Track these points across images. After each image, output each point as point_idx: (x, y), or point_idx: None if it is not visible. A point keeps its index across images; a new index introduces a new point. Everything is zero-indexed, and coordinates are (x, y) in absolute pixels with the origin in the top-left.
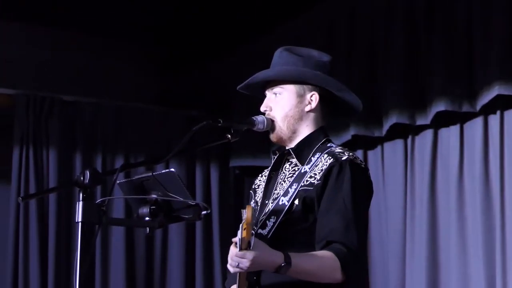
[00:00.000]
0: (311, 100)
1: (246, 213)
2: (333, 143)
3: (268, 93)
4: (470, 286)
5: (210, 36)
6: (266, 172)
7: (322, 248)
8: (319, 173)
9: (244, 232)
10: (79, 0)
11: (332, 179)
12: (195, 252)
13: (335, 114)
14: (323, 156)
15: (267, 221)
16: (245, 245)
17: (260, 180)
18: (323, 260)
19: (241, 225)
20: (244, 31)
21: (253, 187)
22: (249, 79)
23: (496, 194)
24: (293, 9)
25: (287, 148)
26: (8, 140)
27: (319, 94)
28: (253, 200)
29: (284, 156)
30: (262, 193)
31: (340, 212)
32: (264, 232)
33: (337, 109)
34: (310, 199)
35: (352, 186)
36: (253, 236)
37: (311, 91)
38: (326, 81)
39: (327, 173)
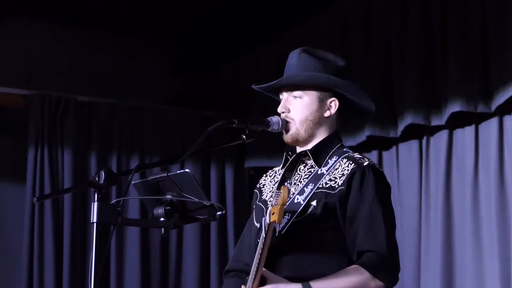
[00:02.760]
0: (331, 106)
1: (282, 194)
2: (347, 147)
3: (286, 94)
4: (485, 286)
5: (226, 36)
6: (271, 173)
7: (356, 260)
8: (340, 177)
9: (274, 216)
10: (95, 0)
11: (356, 185)
12: (210, 252)
13: (348, 118)
14: (342, 160)
15: (282, 218)
16: (271, 231)
17: (265, 180)
18: (348, 276)
19: (268, 210)
20: (260, 32)
21: (257, 186)
22: (277, 81)
23: (511, 194)
24: (308, 10)
25: (301, 150)
26: (23, 141)
27: (338, 100)
28: (258, 199)
29: (299, 157)
30: (272, 191)
31: (367, 219)
32: (279, 228)
33: (350, 113)
34: (332, 203)
35: (376, 191)
36: (270, 272)
37: (331, 97)
38: (352, 90)
39: (350, 178)
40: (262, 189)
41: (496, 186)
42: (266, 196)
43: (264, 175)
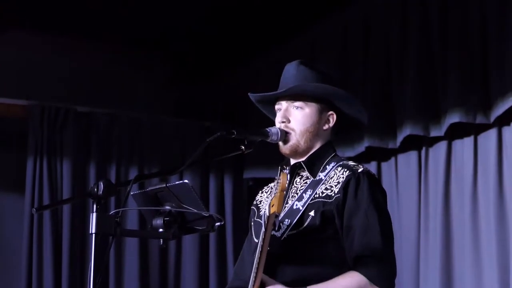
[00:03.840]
0: (329, 119)
1: (281, 180)
2: (341, 156)
3: (286, 104)
4: None
5: (225, 47)
6: (267, 189)
7: (353, 266)
8: (335, 185)
9: (273, 208)
10: (95, 10)
11: (351, 192)
12: (209, 263)
13: (341, 130)
14: (336, 168)
15: (281, 224)
16: (270, 224)
17: (261, 196)
18: (345, 281)
19: (268, 203)
20: (259, 42)
21: (254, 203)
22: (285, 90)
23: (510, 205)
24: (307, 21)
25: (295, 161)
26: (22, 151)
27: (336, 114)
28: (256, 216)
29: (294, 170)
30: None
31: (363, 226)
32: (278, 234)
33: (344, 126)
34: (329, 212)
35: (371, 197)
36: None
37: (329, 110)
38: (353, 103)
39: (345, 186)
40: (259, 205)
41: (495, 197)
42: (265, 211)
43: (260, 191)
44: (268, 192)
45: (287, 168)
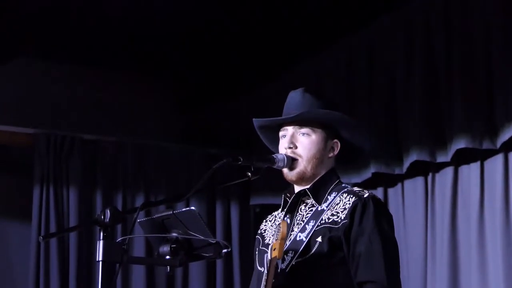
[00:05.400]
0: (333, 147)
1: (281, 229)
2: (345, 183)
3: (292, 130)
4: None
5: (231, 74)
6: (271, 217)
7: None
8: (342, 211)
9: (275, 252)
10: (99, 36)
11: (357, 218)
12: None
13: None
14: (342, 195)
15: (285, 256)
16: (273, 267)
17: (265, 225)
18: None
19: (270, 246)
20: (264, 69)
21: (259, 232)
22: (296, 115)
23: None
24: (312, 48)
25: (300, 189)
26: (28, 179)
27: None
28: (261, 245)
29: (299, 197)
30: (275, 235)
31: (367, 251)
32: (282, 266)
33: (347, 153)
34: (337, 237)
35: (376, 222)
36: None
37: (334, 138)
38: (359, 131)
39: (352, 212)
40: (263, 234)
41: (501, 223)
42: (269, 240)
43: (264, 220)
44: (272, 221)
45: (291, 197)
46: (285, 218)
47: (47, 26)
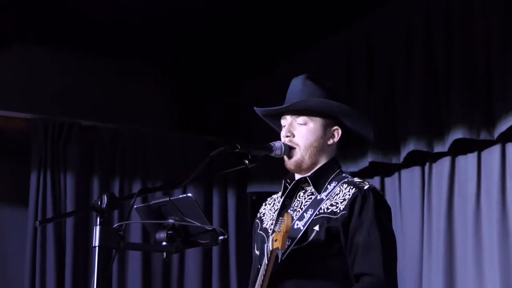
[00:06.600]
0: (334, 134)
1: (286, 221)
2: (346, 173)
3: (291, 119)
4: None
5: (229, 61)
6: (270, 200)
7: (354, 284)
8: (341, 202)
9: (276, 243)
10: (99, 24)
11: (357, 209)
12: (212, 277)
13: (346, 146)
14: (342, 185)
15: (285, 245)
16: (273, 258)
17: (265, 209)
18: None
19: (271, 237)
20: (264, 58)
21: (258, 215)
22: (289, 104)
23: None
24: (312, 37)
25: (301, 176)
26: (26, 165)
27: (341, 128)
28: (260, 228)
29: (299, 184)
30: (273, 219)
31: (365, 243)
32: (280, 255)
33: (349, 141)
34: (335, 228)
35: (375, 215)
36: None
37: (334, 125)
38: (358, 120)
39: (351, 203)
40: (262, 218)
41: (498, 213)
42: (267, 224)
43: (264, 203)
44: (272, 204)
45: (291, 183)
46: (289, 211)
47: (46, 12)
